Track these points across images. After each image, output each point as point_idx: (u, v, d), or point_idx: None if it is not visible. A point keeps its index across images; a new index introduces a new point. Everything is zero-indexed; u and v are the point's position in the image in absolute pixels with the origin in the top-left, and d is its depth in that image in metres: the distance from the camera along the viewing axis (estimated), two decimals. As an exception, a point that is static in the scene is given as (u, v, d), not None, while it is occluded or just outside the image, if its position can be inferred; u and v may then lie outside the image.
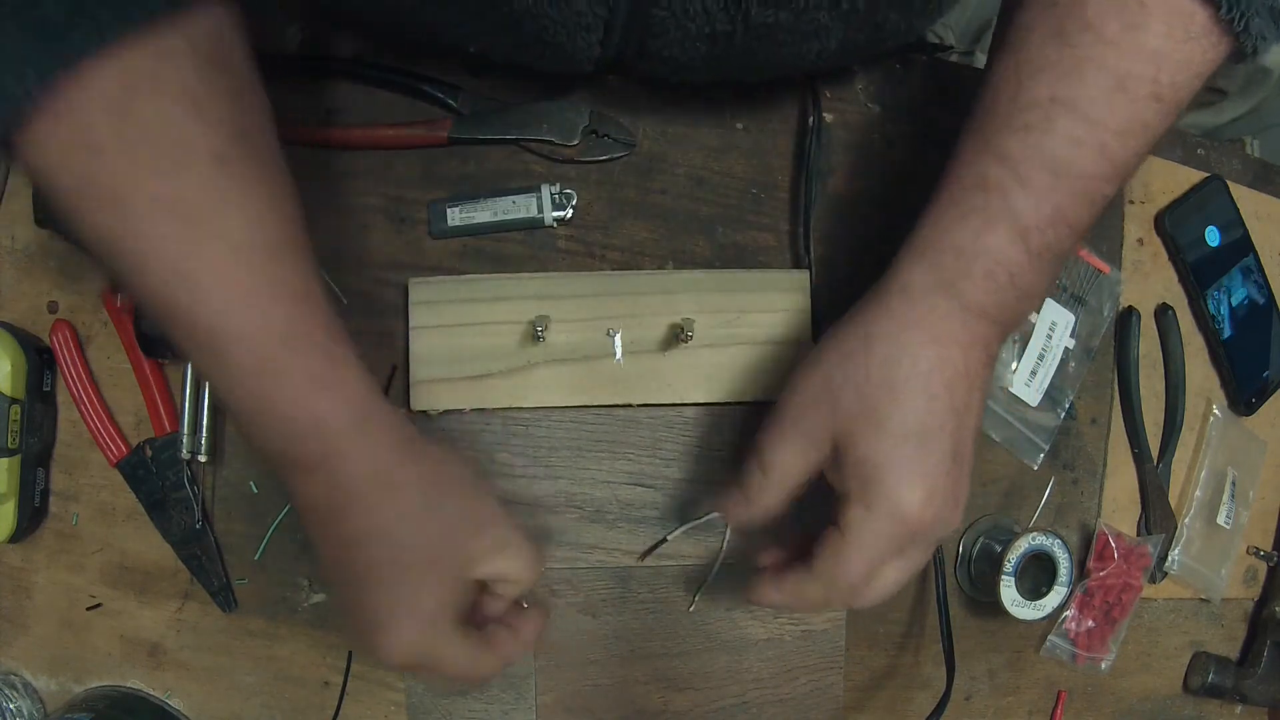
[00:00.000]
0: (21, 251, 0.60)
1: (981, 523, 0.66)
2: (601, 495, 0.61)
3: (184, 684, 0.62)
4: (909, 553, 0.45)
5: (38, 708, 0.61)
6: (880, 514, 0.44)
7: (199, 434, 0.59)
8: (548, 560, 0.50)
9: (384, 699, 0.62)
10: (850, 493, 0.45)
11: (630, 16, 0.48)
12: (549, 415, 0.60)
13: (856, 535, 0.44)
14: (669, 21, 0.47)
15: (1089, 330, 0.67)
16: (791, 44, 0.50)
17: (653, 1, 0.46)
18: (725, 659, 0.63)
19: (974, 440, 0.45)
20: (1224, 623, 0.72)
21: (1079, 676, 0.69)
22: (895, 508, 0.43)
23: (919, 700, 0.66)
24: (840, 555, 0.45)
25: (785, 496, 0.48)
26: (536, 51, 0.51)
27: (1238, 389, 0.70)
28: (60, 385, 0.60)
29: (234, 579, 0.61)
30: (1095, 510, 0.68)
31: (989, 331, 0.44)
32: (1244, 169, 0.72)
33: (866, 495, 0.44)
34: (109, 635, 0.62)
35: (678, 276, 0.60)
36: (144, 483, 0.60)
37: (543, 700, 0.62)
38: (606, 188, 0.61)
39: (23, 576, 0.61)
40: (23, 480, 0.58)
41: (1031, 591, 0.62)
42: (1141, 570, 0.67)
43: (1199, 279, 0.69)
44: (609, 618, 0.62)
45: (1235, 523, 0.70)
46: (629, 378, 0.60)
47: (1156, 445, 0.69)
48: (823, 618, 0.63)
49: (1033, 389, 0.66)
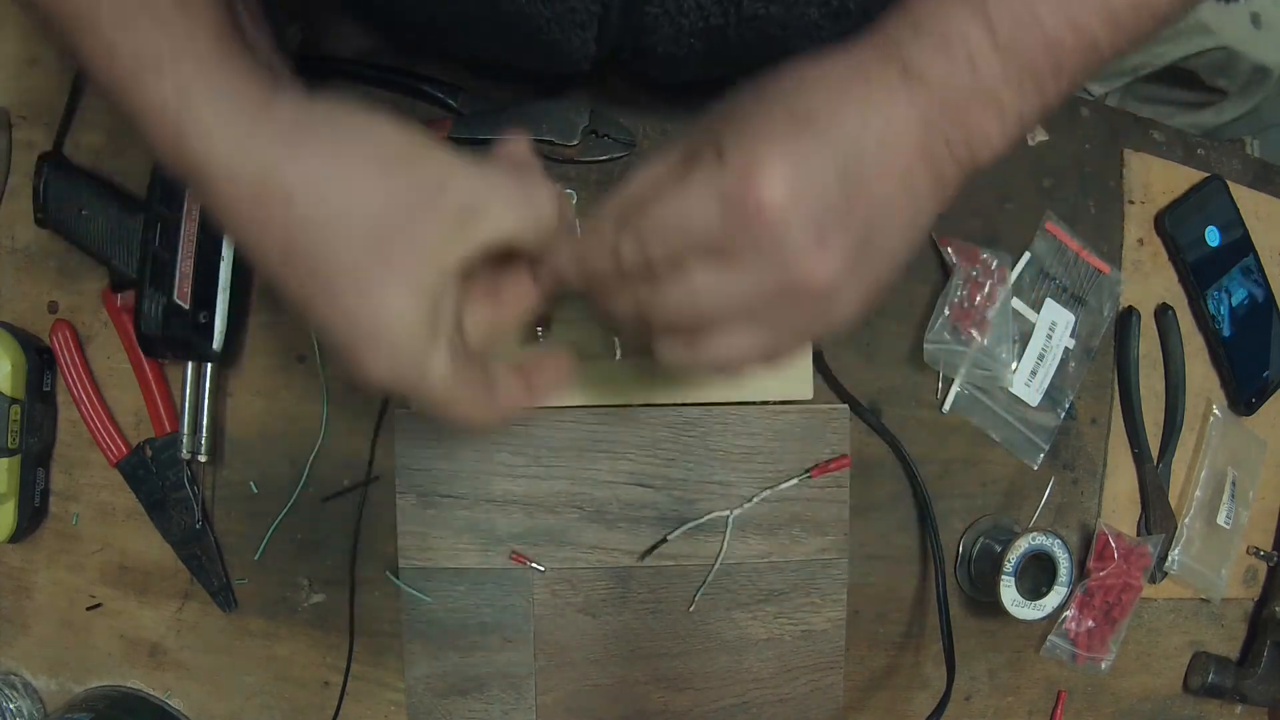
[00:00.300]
0: (21, 251, 0.60)
1: (981, 523, 0.66)
2: (601, 495, 0.61)
3: (184, 684, 0.62)
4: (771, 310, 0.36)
5: (38, 708, 0.61)
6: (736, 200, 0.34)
7: (199, 434, 0.59)
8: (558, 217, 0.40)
9: (384, 699, 0.62)
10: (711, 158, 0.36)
11: (623, 13, 0.48)
12: (549, 415, 0.60)
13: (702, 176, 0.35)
14: (662, 18, 0.47)
15: (1089, 330, 0.67)
16: (785, 40, 0.50)
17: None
18: (725, 659, 0.63)
19: (893, 238, 0.37)
20: (1224, 623, 0.72)
21: (1079, 676, 0.69)
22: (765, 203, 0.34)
23: (919, 700, 0.66)
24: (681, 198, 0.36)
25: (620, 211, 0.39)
26: (532, 50, 0.51)
27: (1238, 389, 0.70)
28: (60, 385, 0.60)
29: (234, 579, 0.61)
30: (1095, 510, 0.68)
31: (934, 112, 0.36)
32: (1244, 169, 0.72)
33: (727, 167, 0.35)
34: (109, 635, 0.62)
35: (678, 276, 0.60)
36: (144, 483, 0.60)
37: (543, 700, 0.62)
38: (606, 188, 0.61)
39: (23, 576, 0.61)
40: (23, 480, 0.58)
41: (1031, 591, 0.62)
42: (1141, 570, 0.67)
43: (1199, 279, 0.69)
44: (609, 618, 0.62)
45: (1235, 523, 0.70)
46: (629, 378, 0.60)
47: (1156, 445, 0.69)
48: (823, 618, 0.63)
49: (1033, 389, 0.66)
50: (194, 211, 0.56)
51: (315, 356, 0.60)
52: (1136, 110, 0.85)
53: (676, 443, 0.61)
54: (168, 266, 0.56)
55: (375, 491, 0.61)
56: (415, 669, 0.61)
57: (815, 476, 0.62)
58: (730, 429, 0.61)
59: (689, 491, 0.61)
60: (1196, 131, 0.94)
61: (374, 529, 0.61)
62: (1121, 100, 1.11)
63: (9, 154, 0.60)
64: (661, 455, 0.61)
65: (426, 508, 0.60)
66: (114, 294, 0.59)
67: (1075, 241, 0.67)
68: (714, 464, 0.61)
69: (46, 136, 0.59)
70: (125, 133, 0.60)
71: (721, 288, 0.36)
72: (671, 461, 0.61)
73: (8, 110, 0.60)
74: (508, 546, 0.61)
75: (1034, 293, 0.66)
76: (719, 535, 0.62)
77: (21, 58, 0.60)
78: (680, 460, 0.61)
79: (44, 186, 0.58)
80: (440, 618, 0.61)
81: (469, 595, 0.61)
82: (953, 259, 0.64)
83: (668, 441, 0.61)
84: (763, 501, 0.62)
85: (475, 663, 0.61)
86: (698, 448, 0.61)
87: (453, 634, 0.61)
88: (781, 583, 0.62)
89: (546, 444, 0.60)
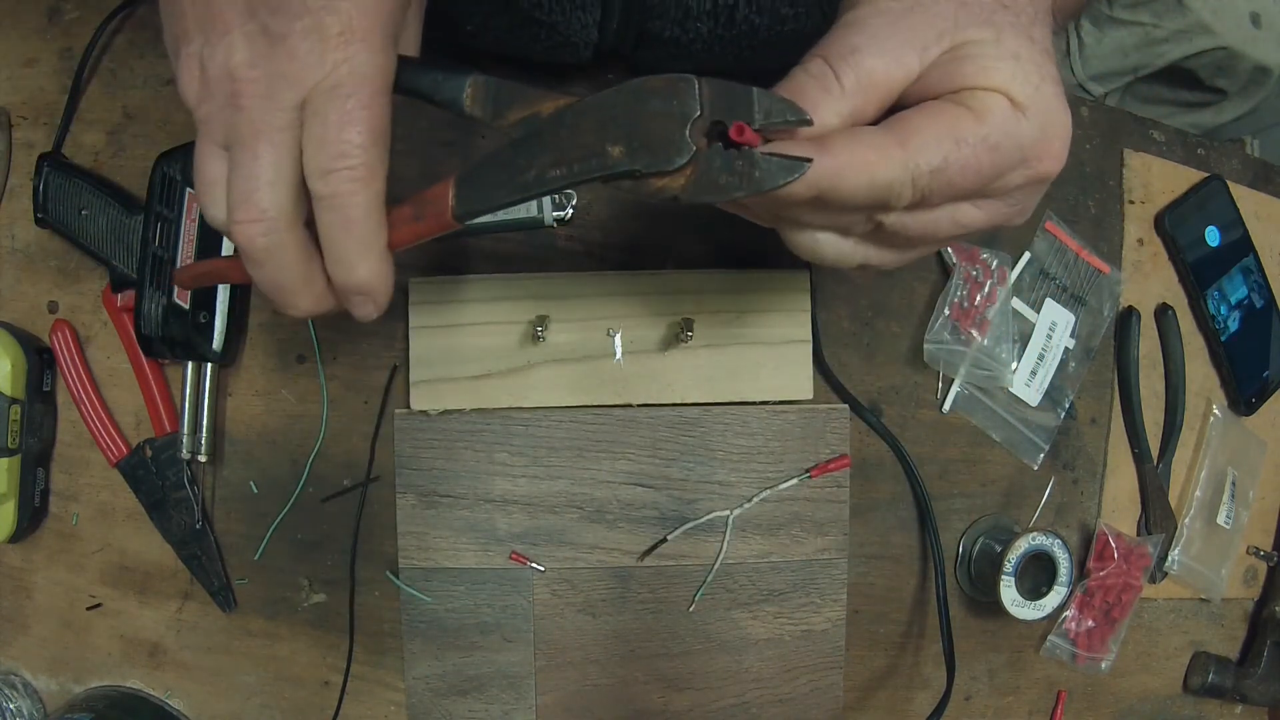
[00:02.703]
0: (21, 251, 0.60)
1: (981, 523, 0.66)
2: (601, 495, 0.61)
3: (184, 684, 0.62)
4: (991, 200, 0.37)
5: (38, 708, 0.61)
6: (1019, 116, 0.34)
7: (199, 434, 0.59)
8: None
9: (384, 699, 0.62)
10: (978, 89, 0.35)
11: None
12: (549, 415, 0.60)
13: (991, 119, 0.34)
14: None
15: (1089, 330, 0.67)
16: (794, 20, 0.49)
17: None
18: (725, 659, 0.63)
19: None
20: (1224, 623, 0.72)
21: (1079, 676, 0.69)
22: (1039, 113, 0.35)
23: (919, 700, 0.66)
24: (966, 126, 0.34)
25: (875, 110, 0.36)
26: (533, 32, 0.50)
27: (1238, 389, 0.70)
28: (60, 385, 0.60)
29: (234, 579, 0.61)
30: (1095, 510, 0.68)
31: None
32: (1244, 169, 0.72)
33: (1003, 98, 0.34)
34: (109, 635, 0.62)
35: (678, 276, 0.60)
36: (144, 483, 0.60)
37: (543, 700, 0.62)
38: (606, 188, 0.61)
39: (23, 576, 0.61)
40: (23, 480, 0.58)
41: (1031, 591, 0.62)
42: (1141, 570, 0.67)
43: (1199, 279, 0.69)
44: (609, 618, 0.62)
45: (1235, 523, 0.70)
46: (629, 378, 0.60)
47: (1156, 445, 0.69)
48: (823, 618, 0.63)
49: (1033, 389, 0.66)
50: (194, 211, 0.56)
51: (315, 356, 0.60)
52: (1136, 110, 0.86)
53: (676, 443, 0.61)
54: (168, 266, 0.56)
55: (375, 491, 0.61)
56: (415, 669, 0.61)
57: (815, 476, 0.62)
58: (730, 429, 0.61)
59: (689, 491, 0.61)
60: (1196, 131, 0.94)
61: (374, 529, 0.61)
62: (1121, 100, 1.11)
63: (9, 154, 0.60)
64: (661, 455, 0.61)
65: (426, 508, 0.60)
66: (114, 294, 0.59)
67: (1075, 241, 0.67)
68: (714, 464, 0.61)
69: (46, 136, 0.59)
70: (125, 133, 0.60)
71: (983, 215, 0.37)
72: (671, 461, 0.61)
73: (8, 110, 0.60)
74: (508, 546, 0.61)
75: (1034, 293, 0.66)
76: (719, 535, 0.62)
77: (21, 58, 0.60)
78: (680, 460, 0.61)
79: (44, 186, 0.58)
80: (440, 618, 0.61)
81: (469, 595, 0.61)
82: (953, 259, 0.64)
83: (668, 441, 0.61)
84: (763, 501, 0.62)
85: (475, 663, 0.61)
86: (698, 448, 0.61)
87: (453, 634, 0.61)
88: (781, 583, 0.62)
89: (546, 444, 0.60)
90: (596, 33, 0.50)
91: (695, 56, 0.52)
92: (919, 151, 0.33)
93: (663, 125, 0.34)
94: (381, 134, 0.34)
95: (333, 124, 0.32)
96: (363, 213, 0.34)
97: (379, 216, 0.35)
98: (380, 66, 0.33)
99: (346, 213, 0.34)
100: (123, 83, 0.60)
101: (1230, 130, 1.12)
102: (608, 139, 0.35)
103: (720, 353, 0.60)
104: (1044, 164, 0.36)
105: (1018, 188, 0.36)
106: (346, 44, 0.32)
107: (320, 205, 0.34)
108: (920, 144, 0.34)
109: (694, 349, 0.60)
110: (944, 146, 0.34)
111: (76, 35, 0.59)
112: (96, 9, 0.59)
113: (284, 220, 0.34)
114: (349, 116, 0.32)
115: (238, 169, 0.34)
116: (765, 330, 0.60)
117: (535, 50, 0.53)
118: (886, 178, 0.33)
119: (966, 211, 0.37)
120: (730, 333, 0.60)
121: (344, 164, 0.33)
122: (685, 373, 0.60)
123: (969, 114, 0.34)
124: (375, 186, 0.34)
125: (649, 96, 0.34)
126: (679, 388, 0.60)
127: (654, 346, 0.60)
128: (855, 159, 0.33)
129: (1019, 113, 0.34)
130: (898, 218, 0.36)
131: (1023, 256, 0.66)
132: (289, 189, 0.34)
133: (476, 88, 0.36)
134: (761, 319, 0.60)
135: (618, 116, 0.35)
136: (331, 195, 0.33)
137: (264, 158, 0.33)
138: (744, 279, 0.60)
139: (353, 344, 0.60)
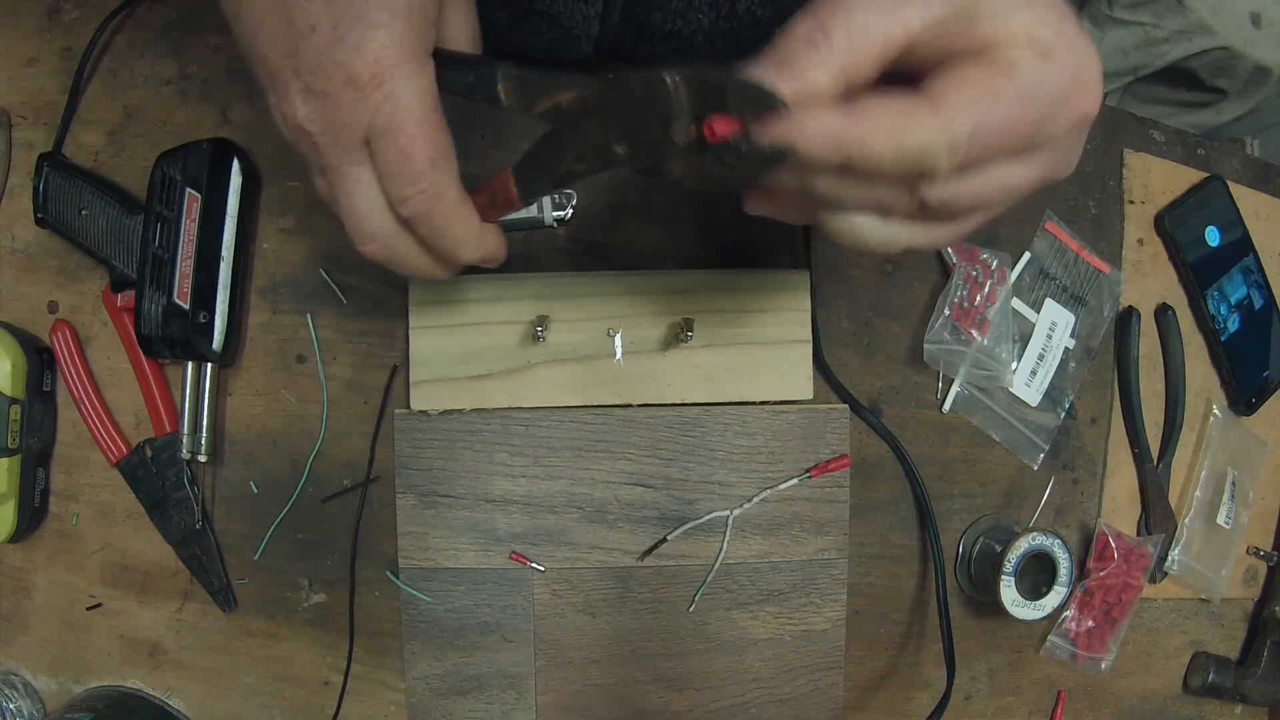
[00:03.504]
0: (21, 251, 0.60)
1: (981, 523, 0.66)
2: (601, 495, 0.61)
3: (184, 684, 0.62)
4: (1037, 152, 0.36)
5: (38, 708, 0.61)
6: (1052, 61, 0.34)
7: (199, 434, 0.59)
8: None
9: (384, 699, 0.62)
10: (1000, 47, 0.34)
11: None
12: (549, 415, 0.60)
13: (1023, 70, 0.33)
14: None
15: (1089, 330, 0.67)
16: (799, 9, 0.49)
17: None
18: (725, 659, 0.63)
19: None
20: (1224, 623, 0.72)
21: (1079, 676, 0.69)
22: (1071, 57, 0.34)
23: (919, 700, 0.66)
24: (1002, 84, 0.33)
25: (872, 69, 0.35)
26: (533, 24, 0.50)
27: (1238, 389, 0.70)
28: (60, 385, 0.60)
29: (234, 579, 0.61)
30: (1095, 510, 0.68)
31: None
32: (1244, 169, 0.72)
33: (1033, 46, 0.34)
34: (109, 635, 0.62)
35: (678, 276, 0.60)
36: (144, 483, 0.60)
37: (543, 700, 0.62)
38: (606, 188, 0.61)
39: (23, 576, 0.61)
40: (23, 480, 0.58)
41: (1031, 591, 0.62)
42: (1141, 570, 0.67)
43: (1199, 279, 0.69)
44: (609, 618, 0.62)
45: (1235, 523, 0.70)
46: (629, 378, 0.60)
47: (1156, 445, 0.69)
48: (823, 618, 0.63)
49: (1033, 389, 0.66)
50: (194, 211, 0.56)
51: (315, 356, 0.60)
52: (1136, 110, 0.85)
53: (676, 443, 0.61)
54: (168, 266, 0.56)
55: (375, 491, 0.61)
56: (415, 669, 0.61)
57: (815, 476, 0.62)
58: (730, 429, 0.61)
59: (689, 491, 0.61)
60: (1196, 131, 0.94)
61: (374, 529, 0.61)
62: (1121, 100, 1.11)
63: (9, 154, 0.60)
64: (661, 455, 0.61)
65: (426, 508, 0.60)
66: (114, 294, 0.59)
67: (1075, 241, 0.67)
68: (714, 464, 0.61)
69: (46, 136, 0.59)
70: (125, 133, 0.60)
71: (1032, 171, 0.36)
72: (671, 461, 0.61)
73: (8, 110, 0.60)
74: (508, 546, 0.61)
75: (1034, 293, 0.66)
76: (719, 535, 0.62)
77: (22, 58, 0.60)
78: (680, 460, 0.61)
79: (44, 186, 0.58)
80: (440, 618, 0.61)
81: (469, 595, 0.61)
82: (953, 259, 0.64)
83: (668, 441, 0.61)
84: (763, 501, 0.62)
85: (475, 663, 0.61)
86: (698, 448, 0.61)
87: (453, 634, 0.61)
88: (781, 583, 0.62)
89: (546, 444, 0.60)
90: (598, 25, 0.50)
91: (697, 49, 0.52)
92: (953, 116, 0.33)
93: (650, 126, 0.35)
94: (440, 149, 0.37)
95: (394, 160, 0.36)
96: (445, 220, 0.38)
97: (463, 212, 0.39)
98: (421, 90, 0.36)
99: (433, 223, 0.38)
100: (123, 83, 0.60)
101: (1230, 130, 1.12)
102: (611, 138, 0.37)
103: (720, 353, 0.60)
104: (1082, 104, 0.35)
105: (1061, 135, 0.35)
106: (381, 84, 0.35)
107: (410, 224, 0.38)
108: (954, 108, 0.33)
109: (694, 349, 0.60)
110: (979, 108, 0.33)
111: (76, 35, 0.59)
112: (96, 9, 0.59)
113: (392, 235, 0.39)
114: (405, 151, 0.36)
115: (341, 206, 0.38)
116: (765, 330, 0.60)
117: (536, 43, 0.53)
118: (918, 141, 0.33)
119: (1015, 172, 0.36)
120: (730, 333, 0.60)
121: (414, 190, 0.37)
122: (685, 373, 0.60)
123: (998, 70, 0.33)
124: (449, 195, 0.38)
125: (633, 96, 0.36)
126: (679, 388, 0.60)
127: (654, 346, 0.60)
128: (881, 122, 0.33)
129: (1046, 59, 0.34)
130: (942, 188, 0.35)
131: (1023, 256, 0.66)
132: (384, 211, 0.38)
133: (507, 81, 0.39)
134: (761, 319, 0.60)
135: (615, 116, 0.37)
136: (414, 216, 0.38)
137: (354, 196, 0.38)
138: (744, 279, 0.60)
139: (353, 344, 0.60)
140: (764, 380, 0.60)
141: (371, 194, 0.37)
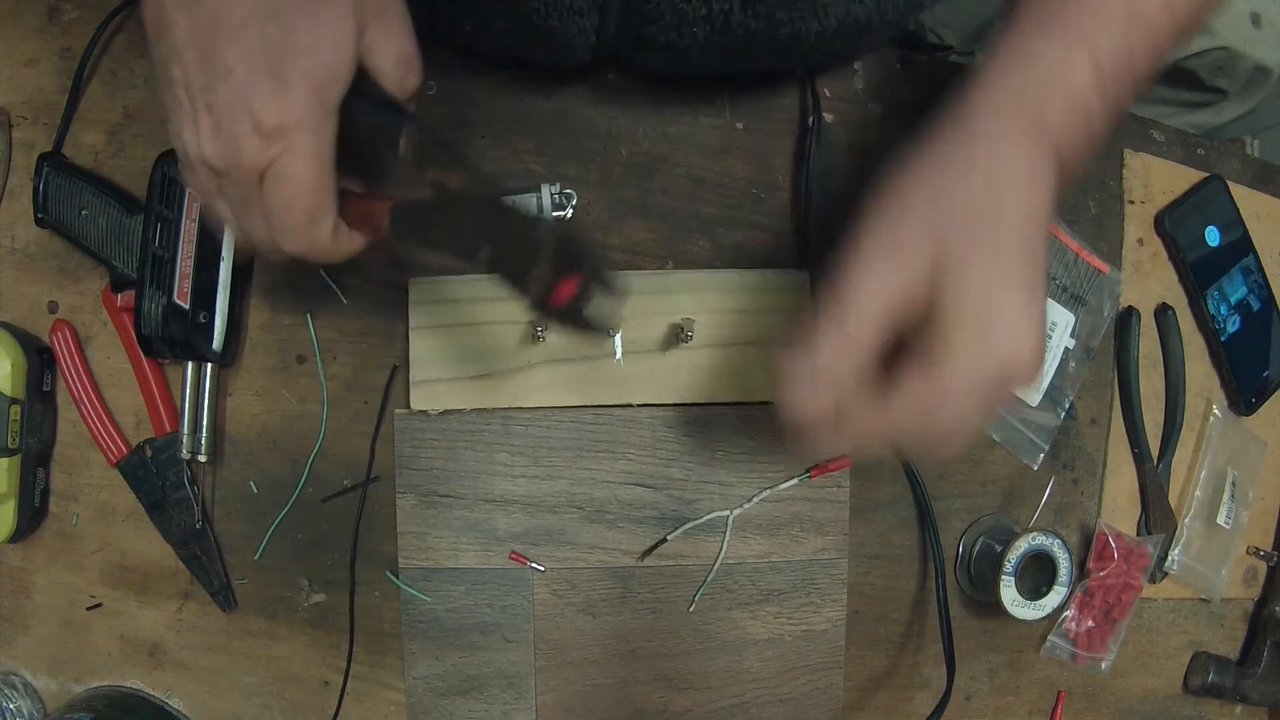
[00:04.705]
0: (21, 251, 0.60)
1: (981, 523, 0.66)
2: (601, 495, 0.61)
3: (184, 684, 0.62)
4: (991, 396, 0.41)
5: (38, 708, 0.61)
6: (987, 345, 0.39)
7: (199, 434, 0.59)
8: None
9: (384, 699, 0.62)
10: (948, 320, 0.39)
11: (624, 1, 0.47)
12: (549, 415, 0.60)
13: (955, 366, 0.39)
14: (664, 4, 0.47)
15: (1089, 330, 0.67)
16: (789, 24, 0.49)
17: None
18: (725, 659, 0.63)
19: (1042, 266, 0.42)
20: (1224, 623, 0.72)
21: (1079, 676, 0.69)
22: (1006, 339, 0.39)
23: (919, 700, 0.66)
24: (936, 385, 0.39)
25: (874, 331, 0.41)
26: (530, 36, 0.50)
27: (1238, 389, 0.70)
28: (60, 385, 0.60)
29: (234, 579, 0.61)
30: (1095, 510, 0.68)
31: (1054, 175, 0.42)
32: (1244, 169, 0.72)
33: (972, 324, 0.39)
34: (109, 635, 0.62)
35: (678, 276, 0.60)
36: (144, 483, 0.60)
37: (543, 700, 0.62)
38: (606, 188, 0.61)
39: (23, 576, 0.61)
40: (23, 480, 0.58)
41: (1031, 591, 0.62)
42: (1141, 570, 0.67)
43: (1199, 279, 0.69)
44: (609, 618, 0.62)
45: (1235, 523, 0.70)
46: (629, 378, 0.60)
47: (1156, 445, 0.69)
48: (823, 618, 0.63)
49: (1033, 389, 0.66)
50: (194, 211, 0.56)
51: (315, 356, 0.60)
52: (1136, 110, 0.85)
53: (676, 443, 0.61)
54: (168, 266, 0.56)
55: (375, 491, 0.61)
56: (415, 669, 0.61)
57: (815, 476, 0.62)
58: (730, 429, 0.61)
59: (689, 491, 0.61)
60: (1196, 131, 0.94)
61: (374, 529, 0.61)
62: (1121, 100, 1.10)
63: (9, 154, 0.60)
64: (661, 455, 0.61)
65: (426, 508, 0.60)
66: (114, 294, 0.59)
67: (1075, 241, 0.67)
68: (714, 464, 0.61)
69: (46, 136, 0.59)
70: (125, 133, 0.60)
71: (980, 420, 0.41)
72: (671, 461, 0.61)
73: (8, 110, 0.60)
74: (508, 546, 0.61)
75: (1034, 293, 0.66)
76: (719, 535, 0.62)
77: (21, 58, 0.60)
78: (680, 460, 0.61)
79: (44, 186, 0.58)
80: (440, 618, 0.61)
81: (469, 595, 0.61)
82: (953, 259, 0.64)
83: (668, 441, 0.61)
84: (763, 501, 0.62)
85: (475, 663, 0.61)
86: (698, 448, 0.61)
87: (453, 634, 0.61)
88: (781, 583, 0.63)
89: (546, 444, 0.60)
90: (594, 37, 0.50)
91: (692, 61, 0.52)
92: (894, 420, 0.41)
93: (515, 255, 0.41)
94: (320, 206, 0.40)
95: (277, 207, 0.39)
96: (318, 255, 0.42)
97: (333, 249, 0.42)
98: (314, 152, 0.38)
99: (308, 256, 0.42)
100: (123, 83, 0.60)
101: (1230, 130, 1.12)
102: (482, 241, 0.41)
103: (720, 353, 0.60)
104: (1017, 379, 0.40)
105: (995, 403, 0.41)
106: (283, 137, 0.37)
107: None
108: (895, 413, 0.40)
109: (694, 349, 0.60)
110: (914, 417, 0.40)
111: (76, 35, 0.59)
112: (96, 9, 0.59)
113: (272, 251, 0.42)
114: (288, 204, 0.39)
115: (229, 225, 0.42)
116: (765, 330, 0.60)
117: (533, 53, 0.54)
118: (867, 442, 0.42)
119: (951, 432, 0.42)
120: (730, 333, 0.60)
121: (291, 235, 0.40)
122: (685, 373, 0.60)
123: (934, 372, 0.39)
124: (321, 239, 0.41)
125: (511, 222, 0.41)
126: (679, 388, 0.60)
127: (654, 346, 0.60)
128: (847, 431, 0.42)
129: (985, 335, 0.39)
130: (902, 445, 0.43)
131: (1023, 256, 0.66)
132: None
133: (410, 140, 0.41)
134: (761, 319, 0.60)
135: (491, 226, 0.41)
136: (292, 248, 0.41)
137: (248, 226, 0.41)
138: (744, 279, 0.60)
139: (353, 344, 0.60)
140: (764, 380, 0.60)
141: (257, 222, 0.40)
